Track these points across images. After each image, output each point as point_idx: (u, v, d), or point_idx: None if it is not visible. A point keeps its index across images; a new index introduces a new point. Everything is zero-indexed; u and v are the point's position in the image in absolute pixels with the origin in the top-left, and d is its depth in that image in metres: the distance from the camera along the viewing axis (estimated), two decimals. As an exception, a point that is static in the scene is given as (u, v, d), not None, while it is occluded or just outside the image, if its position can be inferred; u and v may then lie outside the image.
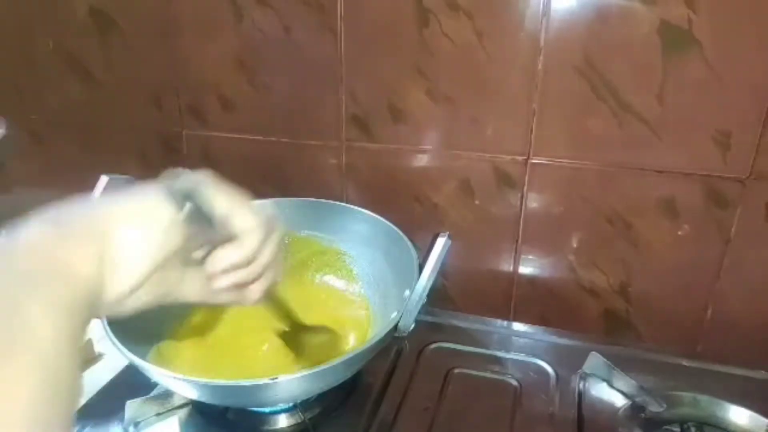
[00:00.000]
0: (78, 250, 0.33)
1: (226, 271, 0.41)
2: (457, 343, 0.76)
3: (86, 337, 0.77)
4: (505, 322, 0.82)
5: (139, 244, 0.35)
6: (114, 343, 0.54)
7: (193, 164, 0.89)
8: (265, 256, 0.41)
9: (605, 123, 0.70)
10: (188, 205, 0.36)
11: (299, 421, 0.63)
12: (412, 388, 0.69)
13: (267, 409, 0.63)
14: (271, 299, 0.51)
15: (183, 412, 0.64)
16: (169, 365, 0.61)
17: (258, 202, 0.41)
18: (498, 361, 0.73)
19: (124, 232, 0.35)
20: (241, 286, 0.43)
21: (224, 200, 0.39)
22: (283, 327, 0.58)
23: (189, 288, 0.41)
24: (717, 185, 0.69)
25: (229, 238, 0.40)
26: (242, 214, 0.39)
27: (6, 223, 0.36)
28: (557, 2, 0.66)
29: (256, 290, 0.44)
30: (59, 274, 0.31)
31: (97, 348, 0.76)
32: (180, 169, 0.38)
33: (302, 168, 0.85)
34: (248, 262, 0.41)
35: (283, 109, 0.82)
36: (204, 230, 0.38)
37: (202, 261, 0.41)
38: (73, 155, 0.94)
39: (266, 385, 0.52)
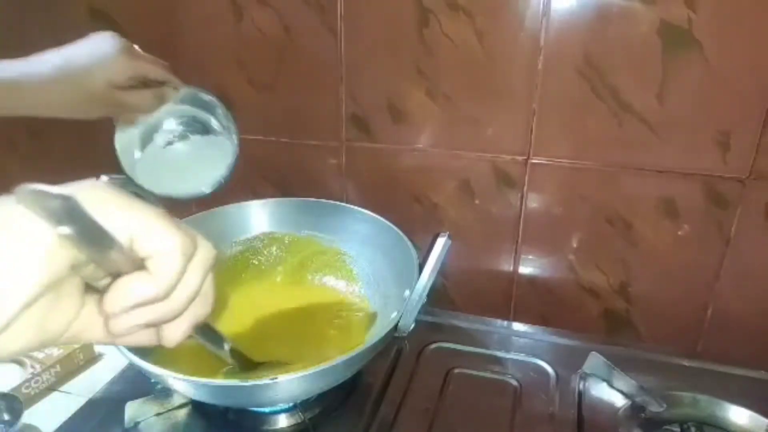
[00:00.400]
0: None
1: (130, 310, 0.30)
2: (457, 343, 0.76)
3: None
4: (505, 322, 0.82)
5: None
6: (114, 343, 0.54)
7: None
8: (188, 286, 0.31)
9: (605, 123, 0.70)
10: (64, 229, 0.26)
11: (299, 421, 0.63)
12: (412, 388, 0.69)
13: (267, 409, 0.63)
14: (204, 334, 0.40)
15: (183, 412, 0.64)
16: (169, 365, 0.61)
17: (176, 220, 0.31)
18: (498, 361, 0.73)
19: None
20: (154, 325, 0.32)
21: (123, 217, 0.28)
22: (227, 364, 0.49)
23: (89, 328, 0.31)
24: (717, 185, 0.69)
25: (136, 265, 0.29)
26: (152, 234, 0.29)
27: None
28: (557, 2, 0.67)
29: (176, 330, 0.33)
30: None
31: (97, 348, 0.76)
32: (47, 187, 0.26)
33: (302, 168, 0.85)
34: (164, 296, 0.30)
35: (282, 109, 0.82)
36: (102, 252, 0.28)
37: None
38: (73, 155, 0.94)
39: (266, 385, 0.52)
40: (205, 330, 0.39)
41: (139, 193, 0.66)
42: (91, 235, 0.27)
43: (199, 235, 0.32)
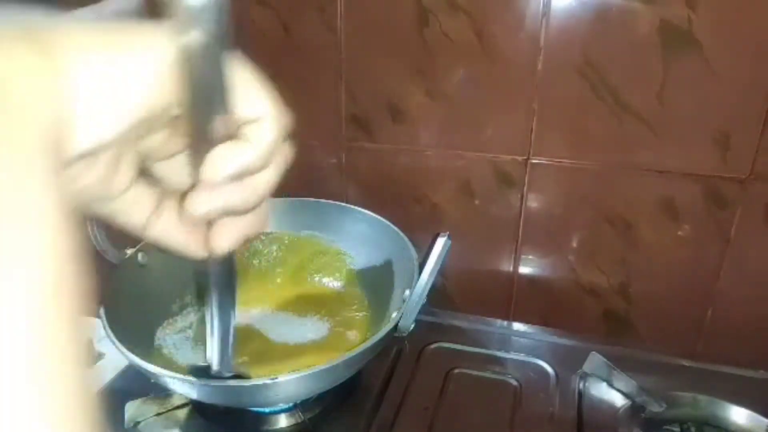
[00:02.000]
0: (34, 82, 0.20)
1: (229, 180, 0.26)
2: (457, 343, 0.76)
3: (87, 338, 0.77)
4: (505, 322, 0.82)
5: (112, 84, 0.22)
6: (114, 343, 0.54)
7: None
8: (273, 170, 0.29)
9: (605, 123, 0.70)
10: (195, 33, 0.23)
11: (299, 421, 0.63)
12: (412, 388, 0.69)
13: (267, 409, 0.63)
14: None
15: (183, 412, 0.64)
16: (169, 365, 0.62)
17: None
18: (498, 361, 0.73)
19: (92, 62, 0.21)
20: (228, 215, 0.28)
21: (241, 67, 0.27)
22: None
23: (138, 209, 0.28)
24: (717, 185, 0.69)
25: (228, 134, 0.26)
26: (262, 93, 0.28)
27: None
28: (557, 2, 0.66)
29: (238, 228, 0.30)
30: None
31: (97, 348, 0.76)
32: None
33: (302, 168, 0.84)
34: (260, 167, 0.28)
35: (282, 109, 0.82)
36: (203, 100, 0.25)
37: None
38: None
39: (266, 385, 0.52)
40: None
41: None
42: (213, 59, 0.24)
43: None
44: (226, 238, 0.29)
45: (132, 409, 0.62)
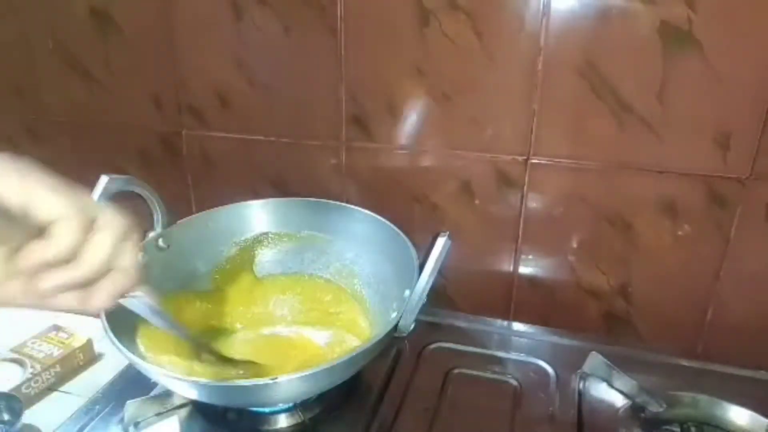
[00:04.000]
0: None
1: (41, 270, 0.33)
2: (457, 343, 0.76)
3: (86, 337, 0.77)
4: (505, 322, 0.82)
5: None
6: (114, 343, 0.54)
7: (193, 164, 0.89)
8: (96, 251, 0.34)
9: (605, 123, 0.70)
10: None
11: (299, 421, 0.63)
12: (412, 388, 0.69)
13: (267, 409, 0.63)
14: (156, 315, 0.43)
15: (183, 412, 0.64)
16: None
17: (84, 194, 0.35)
18: (498, 361, 0.73)
19: None
20: (74, 288, 0.35)
21: (15, 186, 0.32)
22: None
23: (12, 290, 0.34)
24: (717, 185, 0.69)
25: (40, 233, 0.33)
26: (44, 201, 0.32)
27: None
28: (557, 2, 0.66)
29: (97, 296, 0.36)
30: None
31: (97, 348, 0.76)
32: None
33: (302, 168, 0.85)
34: (65, 259, 0.33)
35: (282, 109, 0.82)
36: (12, 224, 0.32)
37: None
38: (72, 155, 0.94)
39: (266, 385, 0.52)
40: (155, 311, 0.41)
41: (141, 193, 0.66)
42: None
43: (108, 209, 0.35)
44: (93, 300, 0.36)
45: (132, 409, 0.62)
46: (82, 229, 0.33)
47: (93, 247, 0.34)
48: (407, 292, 0.63)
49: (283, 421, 0.63)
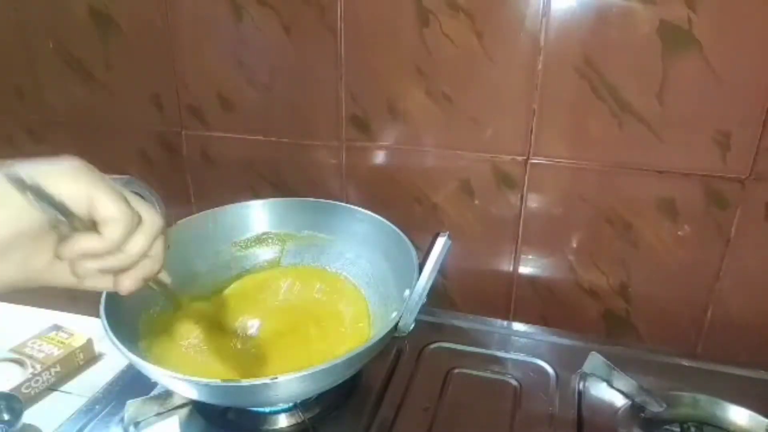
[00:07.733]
0: None
1: (79, 258, 0.40)
2: (457, 343, 0.76)
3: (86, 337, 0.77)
4: (505, 322, 0.82)
5: None
6: (114, 343, 0.54)
7: (192, 164, 0.89)
8: (134, 247, 0.41)
9: (605, 123, 0.70)
10: (29, 195, 0.35)
11: (299, 421, 0.63)
12: (412, 388, 0.69)
13: (267, 409, 0.63)
14: (163, 290, 0.50)
15: (183, 412, 0.64)
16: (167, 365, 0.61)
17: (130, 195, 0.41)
18: (498, 361, 0.73)
19: None
20: (108, 272, 0.42)
21: (76, 188, 0.37)
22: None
23: (58, 273, 0.41)
24: (717, 185, 0.69)
25: (90, 227, 0.39)
26: (101, 204, 0.38)
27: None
28: (557, 2, 0.67)
29: (127, 279, 0.43)
30: None
31: (97, 348, 0.76)
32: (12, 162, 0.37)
33: (302, 168, 0.85)
34: (108, 253, 0.40)
35: (282, 109, 0.82)
36: (63, 217, 0.37)
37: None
38: (72, 155, 0.94)
39: (266, 385, 0.52)
40: (163, 288, 0.49)
41: (141, 193, 0.66)
42: (51, 203, 0.36)
43: (150, 208, 0.42)
44: (125, 282, 0.43)
45: (132, 408, 0.62)
46: (130, 231, 0.40)
47: (134, 243, 0.40)
48: (407, 292, 0.63)
49: (283, 421, 0.63)
